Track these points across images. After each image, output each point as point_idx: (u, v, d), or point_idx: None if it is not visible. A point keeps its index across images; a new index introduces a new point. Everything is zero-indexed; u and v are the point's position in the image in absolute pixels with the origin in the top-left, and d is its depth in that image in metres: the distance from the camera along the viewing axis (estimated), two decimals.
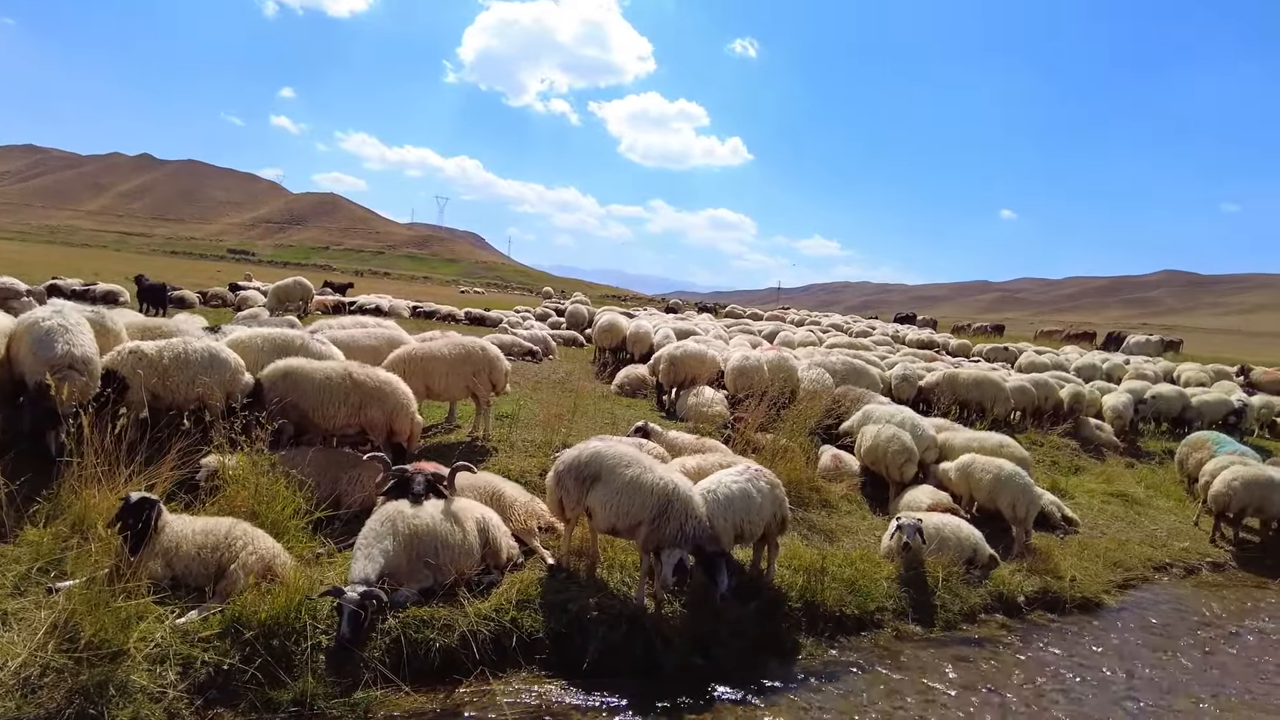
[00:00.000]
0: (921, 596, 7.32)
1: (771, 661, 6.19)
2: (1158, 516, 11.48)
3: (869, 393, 11.90)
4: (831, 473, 10.26)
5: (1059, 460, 13.24)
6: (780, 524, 6.88)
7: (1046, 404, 14.86)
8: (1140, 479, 13.18)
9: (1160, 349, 31.60)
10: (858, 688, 6.01)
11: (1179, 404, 16.28)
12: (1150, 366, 20.87)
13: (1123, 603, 8.43)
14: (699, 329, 17.70)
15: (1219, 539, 10.74)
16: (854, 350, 16.45)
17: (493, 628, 5.62)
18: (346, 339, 9.45)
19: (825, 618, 6.81)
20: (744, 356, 11.91)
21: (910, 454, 9.49)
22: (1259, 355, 53.63)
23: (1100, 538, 9.99)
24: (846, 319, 37.10)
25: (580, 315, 20.78)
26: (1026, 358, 20.28)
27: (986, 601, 7.62)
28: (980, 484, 9.02)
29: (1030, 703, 6.03)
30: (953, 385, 14.03)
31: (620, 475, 6.05)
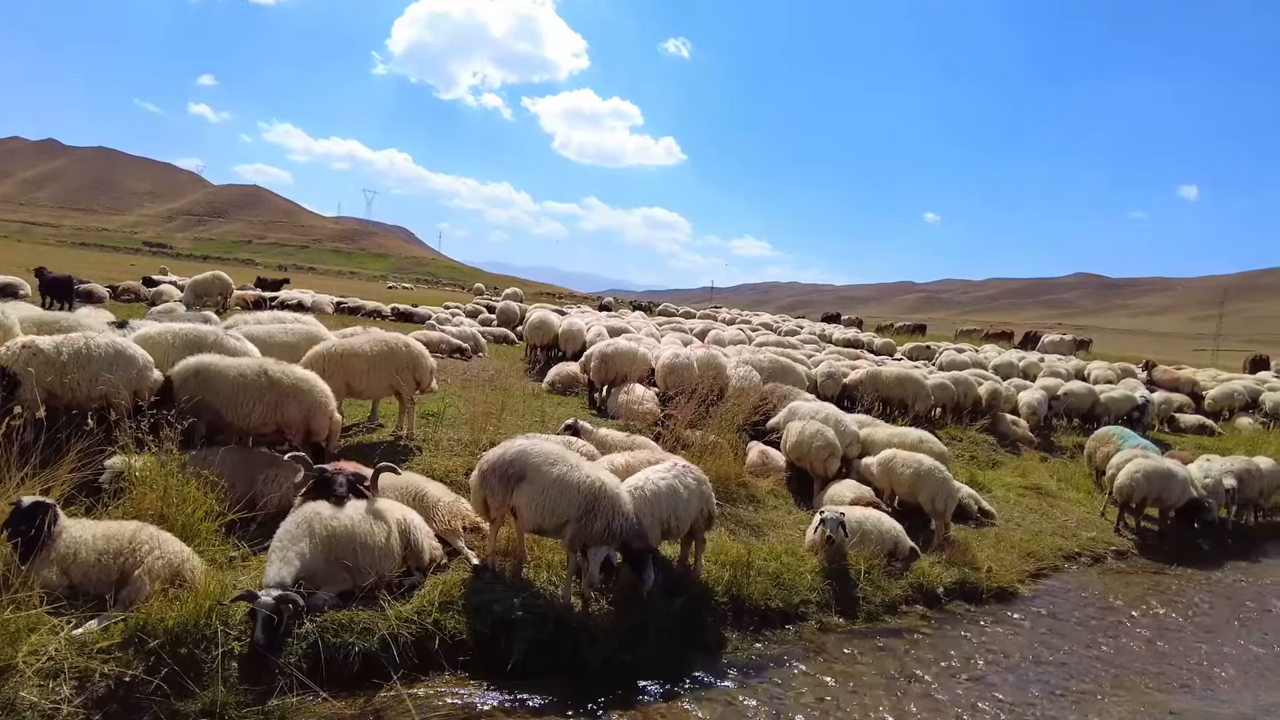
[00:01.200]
0: (844, 589, 7.47)
1: (698, 656, 6.23)
2: (1069, 508, 11.97)
3: (795, 390, 12.10)
4: (759, 468, 10.39)
5: (977, 455, 13.70)
6: (707, 519, 6.93)
7: (966, 400, 15.35)
8: (1053, 472, 13.72)
9: (1073, 348, 33.02)
10: (782, 679, 6.09)
11: (1089, 400, 17.02)
12: (1063, 365, 21.78)
13: (1035, 591, 8.78)
14: (631, 327, 17.70)
15: (1123, 528, 11.27)
16: (782, 349, 16.69)
17: (415, 630, 5.50)
18: (263, 335, 9.12)
19: (751, 611, 6.89)
20: (675, 354, 11.97)
21: (834, 449, 9.69)
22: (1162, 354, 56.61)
23: (1015, 529, 10.36)
24: (776, 318, 37.65)
25: (512, 312, 20.55)
26: (947, 356, 20.94)
27: (907, 593, 7.82)
28: (901, 478, 9.26)
29: (947, 690, 6.21)
30: (876, 383, 14.37)
31: (546, 474, 6.00)
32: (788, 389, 12.04)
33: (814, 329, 30.86)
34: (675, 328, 20.51)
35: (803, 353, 17.25)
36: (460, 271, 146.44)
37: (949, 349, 23.08)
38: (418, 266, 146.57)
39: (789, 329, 28.34)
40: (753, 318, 34.34)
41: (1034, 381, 18.10)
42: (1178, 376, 22.99)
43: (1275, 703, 6.56)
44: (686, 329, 20.51)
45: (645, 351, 12.68)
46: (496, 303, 25.94)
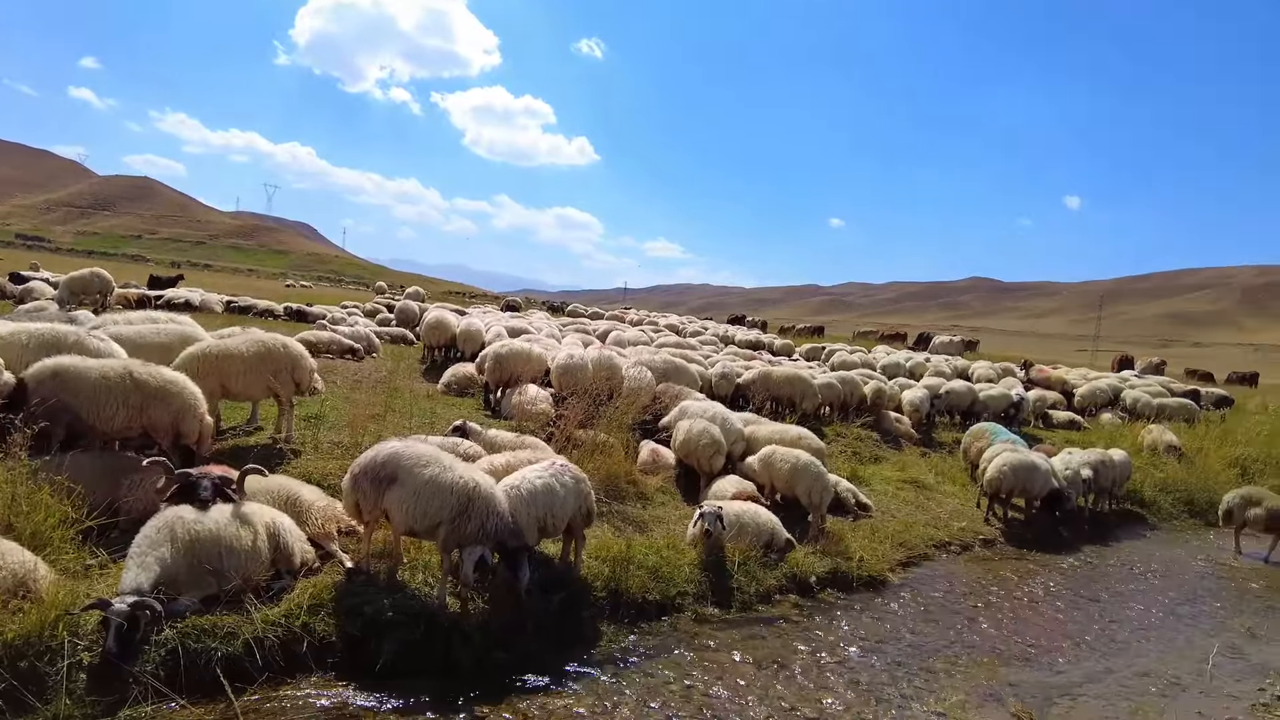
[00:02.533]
0: (721, 580, 7.75)
1: (574, 650, 6.37)
2: (944, 500, 12.65)
3: (687, 390, 12.41)
4: (649, 466, 10.63)
5: (860, 451, 14.31)
6: (586, 517, 7.07)
7: (852, 399, 16.00)
8: (932, 466, 14.45)
9: (961, 349, 34.71)
10: (656, 669, 6.29)
11: (969, 398, 17.98)
12: (948, 365, 22.91)
13: (904, 579, 9.27)
14: (532, 328, 17.70)
15: (992, 518, 12.00)
16: (680, 349, 17.02)
17: (281, 633, 5.46)
18: (132, 335, 8.76)
19: (629, 605, 7.08)
20: (570, 355, 12.08)
21: (719, 446, 10.00)
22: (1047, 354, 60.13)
23: (890, 521, 10.90)
24: (683, 319, 38.22)
25: (410, 312, 20.20)
26: (839, 357, 21.74)
27: (781, 583, 8.16)
28: (780, 473, 9.65)
29: (813, 675, 6.54)
30: (767, 382, 14.86)
31: (418, 475, 6.03)
32: (679, 389, 12.34)
33: (718, 330, 31.51)
34: (578, 328, 20.61)
35: (700, 354, 17.65)
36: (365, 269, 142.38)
37: (841, 350, 23.93)
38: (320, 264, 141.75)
39: (693, 330, 28.86)
40: (660, 319, 34.78)
41: (919, 381, 18.98)
42: (1050, 376, 24.51)
43: (1099, 670, 7.18)
44: (590, 330, 20.64)
45: (541, 352, 12.75)
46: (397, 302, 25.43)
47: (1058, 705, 6.40)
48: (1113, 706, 6.49)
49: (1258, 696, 6.88)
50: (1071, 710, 6.33)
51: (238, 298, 23.65)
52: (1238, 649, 8.12)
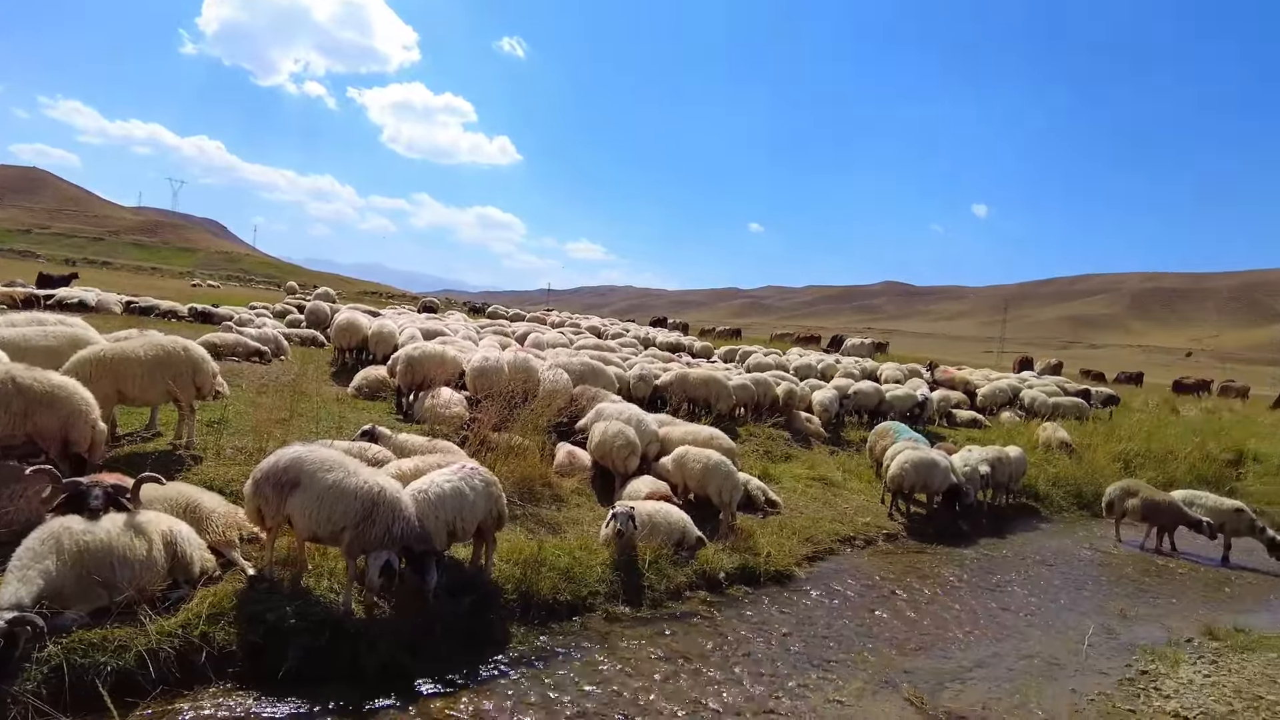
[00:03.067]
0: (632, 579, 7.88)
1: (484, 652, 6.38)
2: (850, 496, 13.11)
3: (603, 392, 12.54)
4: (566, 468, 10.70)
5: (772, 450, 14.70)
6: (497, 520, 7.10)
7: (765, 399, 16.43)
8: (839, 464, 14.95)
9: (871, 350, 35.93)
10: (566, 668, 6.37)
11: (876, 398, 18.67)
12: (857, 366, 23.72)
13: (810, 573, 9.59)
14: (448, 329, 17.53)
15: (895, 513, 12.50)
16: (599, 352, 17.13)
17: (178, 644, 5.33)
18: (16, 338, 8.34)
19: (540, 606, 7.13)
20: (484, 358, 12.04)
21: (633, 447, 10.16)
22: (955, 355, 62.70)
23: (799, 517, 11.24)
24: (605, 321, 38.39)
25: (322, 313, 19.70)
26: (754, 359, 22.27)
27: (692, 580, 8.34)
28: (692, 473, 9.87)
29: (719, 668, 6.73)
30: (683, 384, 15.13)
31: (321, 480, 5.96)
32: (596, 390, 12.45)
33: (640, 333, 31.79)
34: (497, 330, 20.50)
35: (620, 356, 17.81)
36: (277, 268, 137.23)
37: (757, 352, 24.49)
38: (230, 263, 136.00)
39: (615, 332, 29.06)
40: (582, 321, 34.86)
41: (829, 382, 19.59)
42: (954, 376, 25.62)
43: (988, 655, 7.61)
44: (509, 332, 20.56)
45: (456, 354, 12.67)
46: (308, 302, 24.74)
47: (949, 689, 6.76)
48: (998, 688, 6.89)
49: (1124, 672, 7.42)
50: (961, 693, 6.70)
51: (138, 298, 22.59)
52: (1111, 629, 8.72)
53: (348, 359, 15.77)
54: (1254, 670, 7.53)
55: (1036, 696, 6.74)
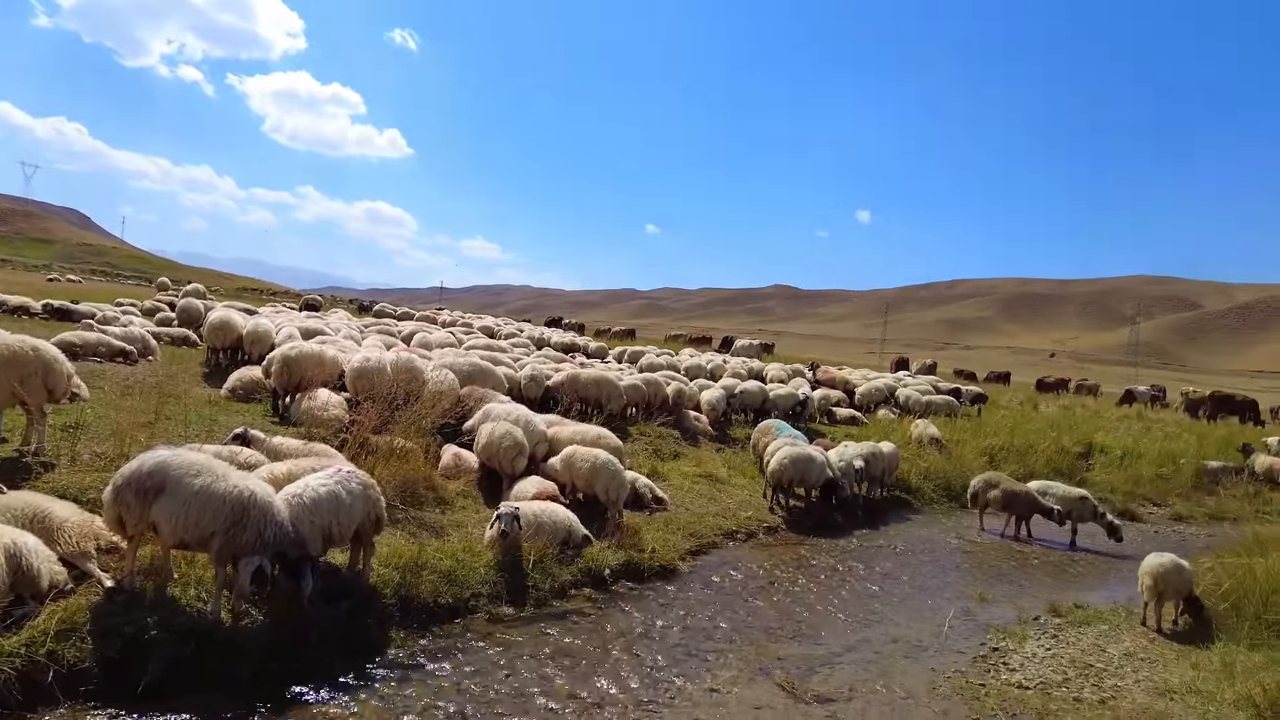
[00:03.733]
0: (517, 580, 7.90)
1: (361, 658, 6.28)
2: (734, 492, 13.49)
3: (491, 392, 12.44)
4: (452, 470, 10.58)
5: (661, 448, 14.95)
6: (375, 524, 6.97)
7: (656, 399, 16.68)
8: (725, 461, 15.36)
9: (759, 351, 36.96)
10: (445, 670, 6.34)
11: (760, 397, 19.26)
12: (745, 366, 24.39)
13: (693, 567, 9.85)
14: (329, 329, 16.96)
15: (776, 507, 12.96)
16: (489, 352, 16.97)
17: (21, 664, 5.01)
18: None
19: (420, 609, 7.07)
20: (365, 358, 11.74)
21: (521, 448, 10.15)
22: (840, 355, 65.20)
23: (685, 513, 11.49)
24: (499, 321, 37.99)
25: (194, 310, 18.65)
26: (646, 359, 22.58)
27: (577, 578, 8.43)
28: (580, 472, 9.95)
29: (600, 662, 6.84)
30: (575, 384, 15.20)
31: (188, 485, 5.72)
32: (484, 391, 12.35)
33: (534, 333, 31.63)
34: (382, 330, 19.97)
35: (511, 356, 17.69)
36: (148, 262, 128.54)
37: (650, 353, 24.82)
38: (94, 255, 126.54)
39: (509, 332, 28.81)
40: (474, 320, 34.37)
41: (717, 381, 20.08)
42: (835, 376, 26.70)
43: (857, 640, 8.05)
44: (395, 331, 20.06)
45: (335, 354, 12.31)
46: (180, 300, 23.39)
47: (819, 674, 7.10)
48: (865, 670, 7.28)
49: (979, 650, 7.99)
50: (830, 677, 7.05)
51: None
52: (970, 612, 9.35)
53: (222, 359, 15.03)
54: (1087, 642, 8.27)
55: (899, 676, 7.17)
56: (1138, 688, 7.22)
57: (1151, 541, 13.82)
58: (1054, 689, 7.09)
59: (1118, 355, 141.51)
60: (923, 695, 6.80)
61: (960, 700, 6.75)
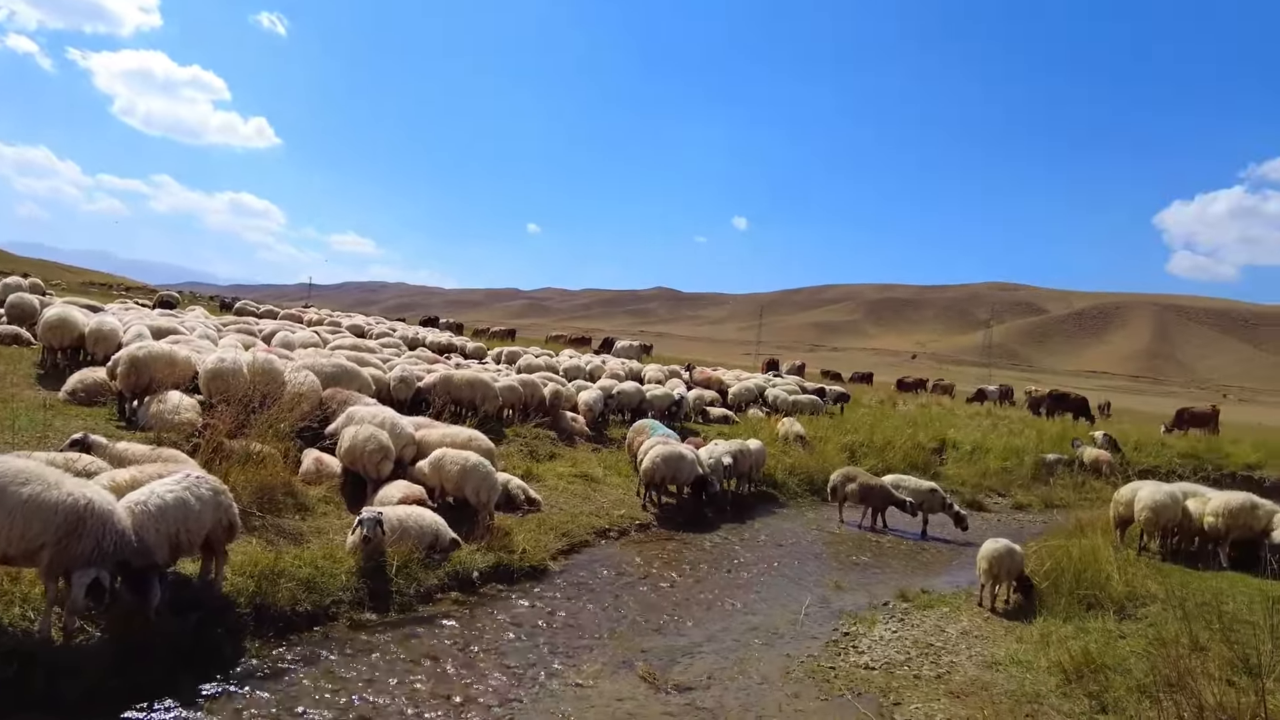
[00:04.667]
0: (380, 585, 7.78)
1: (212, 670, 6.05)
2: (609, 491, 13.67)
3: (356, 395, 12.11)
4: (313, 475, 10.27)
5: (537, 449, 14.97)
6: (227, 531, 6.71)
7: (533, 400, 16.67)
8: (602, 461, 15.53)
9: (639, 352, 37.47)
10: (302, 679, 6.19)
11: (637, 398, 19.59)
12: (623, 367, 24.70)
13: (564, 566, 9.96)
14: (184, 327, 15.96)
15: (648, 504, 13.24)
16: (356, 352, 16.46)
17: None
18: None
19: (277, 618, 6.87)
20: (220, 359, 11.18)
21: (386, 452, 9.95)
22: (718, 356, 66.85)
23: (558, 513, 11.57)
24: (371, 320, 36.78)
25: (28, 306, 17.07)
26: (525, 360, 22.48)
27: (444, 581, 8.37)
28: (449, 475, 9.86)
29: (465, 665, 6.85)
30: (447, 386, 14.99)
31: (14, 495, 5.34)
32: (348, 394, 12.01)
33: (408, 332, 30.83)
34: (242, 329, 18.99)
35: (380, 356, 17.23)
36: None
37: (529, 354, 24.72)
38: None
39: (380, 332, 27.97)
40: (344, 319, 33.16)
41: (596, 382, 20.26)
42: (710, 377, 27.43)
43: (719, 630, 8.39)
44: (256, 330, 19.12)
45: (188, 355, 11.66)
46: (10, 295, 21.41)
47: (680, 664, 7.36)
48: (724, 659, 7.61)
49: (831, 635, 8.49)
50: (690, 666, 7.33)
51: None
52: (826, 600, 9.90)
53: (60, 360, 13.90)
54: (930, 624, 8.93)
55: (756, 663, 7.53)
56: (970, 662, 7.86)
57: (995, 529, 14.94)
58: (897, 668, 7.63)
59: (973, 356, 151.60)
60: (777, 680, 7.17)
61: (811, 683, 7.16)
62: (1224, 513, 11.55)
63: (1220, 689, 5.81)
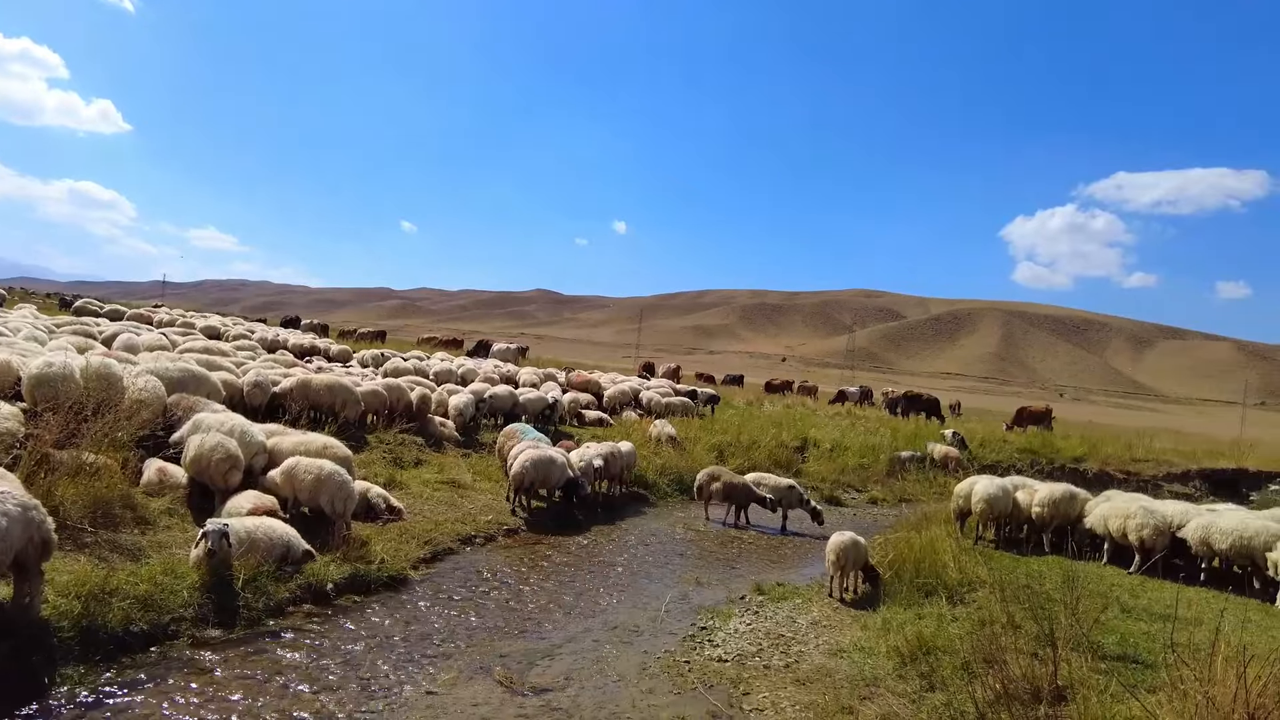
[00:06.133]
0: (226, 600, 7.43)
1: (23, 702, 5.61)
2: (477, 497, 13.54)
3: (203, 400, 11.49)
4: (155, 487, 9.70)
5: (402, 456, 14.60)
6: (41, 549, 6.21)
7: (399, 405, 16.26)
8: (471, 466, 15.33)
9: (516, 355, 37.15)
10: (135, 705, 5.84)
11: (510, 402, 19.44)
12: (497, 370, 24.47)
13: (426, 575, 9.78)
14: (6, 329, 14.65)
15: (518, 509, 13.19)
16: (207, 355, 15.58)
17: None
18: None
19: (108, 640, 6.46)
20: (48, 363, 10.34)
21: (235, 461, 9.50)
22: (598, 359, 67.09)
23: (422, 521, 11.36)
24: (228, 321, 34.80)
25: None
26: (392, 364, 21.88)
27: (296, 594, 8.07)
28: (303, 484, 9.51)
29: (315, 679, 6.64)
30: (306, 390, 14.42)
31: None
32: (195, 399, 11.38)
33: (268, 334, 29.38)
34: (80, 330, 17.61)
35: (234, 360, 16.37)
36: None
37: (397, 357, 24.07)
38: None
39: (238, 333, 26.53)
40: (198, 320, 31.24)
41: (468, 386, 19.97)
42: (587, 380, 27.57)
43: (579, 631, 8.49)
44: (95, 332, 17.76)
45: (9, 359, 10.73)
46: None
47: (538, 666, 7.41)
48: (583, 659, 7.71)
49: (689, 630, 8.77)
50: (549, 668, 7.39)
51: None
52: (686, 596, 10.20)
53: None
54: (782, 616, 9.37)
55: (614, 661, 7.68)
56: (817, 651, 8.31)
57: (850, 523, 15.77)
58: (749, 659, 7.98)
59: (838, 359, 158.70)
60: (633, 677, 7.35)
61: (666, 678, 7.38)
62: (1047, 503, 12.68)
63: (1027, 661, 6.42)
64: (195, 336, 21.29)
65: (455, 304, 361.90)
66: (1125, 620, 8.47)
